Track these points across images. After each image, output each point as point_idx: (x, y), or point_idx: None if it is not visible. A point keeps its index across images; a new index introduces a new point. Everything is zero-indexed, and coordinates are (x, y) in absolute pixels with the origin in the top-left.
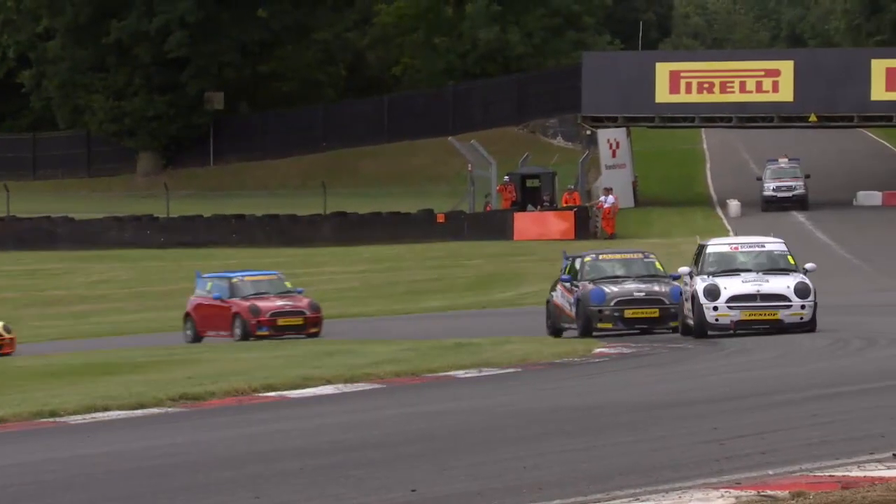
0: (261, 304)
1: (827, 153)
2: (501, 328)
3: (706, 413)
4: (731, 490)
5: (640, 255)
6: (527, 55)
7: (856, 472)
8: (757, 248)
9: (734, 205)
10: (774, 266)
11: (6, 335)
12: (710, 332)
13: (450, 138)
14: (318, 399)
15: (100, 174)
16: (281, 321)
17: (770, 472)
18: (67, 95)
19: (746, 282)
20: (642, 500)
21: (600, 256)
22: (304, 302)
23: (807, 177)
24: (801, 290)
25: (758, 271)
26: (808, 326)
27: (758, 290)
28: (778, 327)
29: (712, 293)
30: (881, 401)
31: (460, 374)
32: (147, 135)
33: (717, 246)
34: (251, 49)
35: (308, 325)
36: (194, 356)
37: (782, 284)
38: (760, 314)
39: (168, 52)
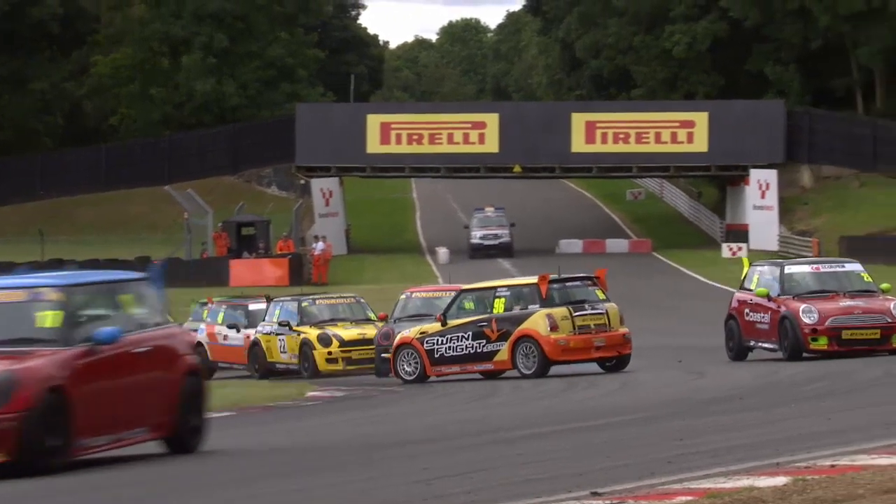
0: None
1: (531, 202)
2: (217, 372)
3: (417, 453)
4: None
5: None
6: (242, 106)
7: None
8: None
9: (443, 252)
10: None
11: None
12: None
13: (166, 187)
14: None
15: None
16: None
17: None
18: None
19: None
20: None
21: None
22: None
23: (512, 225)
24: None
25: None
26: None
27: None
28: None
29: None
30: (582, 440)
31: None
32: None
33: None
34: None
35: None
36: None
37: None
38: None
39: None
